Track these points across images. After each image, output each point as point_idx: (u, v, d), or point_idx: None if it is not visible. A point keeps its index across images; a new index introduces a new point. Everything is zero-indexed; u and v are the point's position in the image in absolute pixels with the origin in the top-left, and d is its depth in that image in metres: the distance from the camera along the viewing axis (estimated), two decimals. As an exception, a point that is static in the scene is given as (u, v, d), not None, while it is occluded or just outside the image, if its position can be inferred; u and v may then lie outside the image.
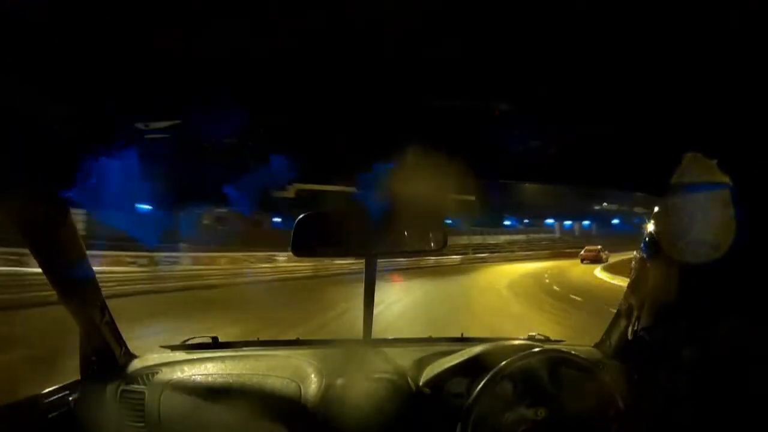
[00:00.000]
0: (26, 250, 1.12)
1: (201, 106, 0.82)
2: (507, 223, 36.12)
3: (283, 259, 16.97)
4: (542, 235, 41.09)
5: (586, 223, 45.41)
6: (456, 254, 26.48)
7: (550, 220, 41.43)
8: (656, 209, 1.13)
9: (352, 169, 1.07)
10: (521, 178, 1.09)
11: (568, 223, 42.58)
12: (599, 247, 25.85)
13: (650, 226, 1.15)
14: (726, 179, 0.83)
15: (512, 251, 33.93)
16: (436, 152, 0.88)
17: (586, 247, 26.14)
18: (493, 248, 33.50)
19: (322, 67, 0.69)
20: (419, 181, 0.98)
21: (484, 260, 28.36)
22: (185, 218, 16.36)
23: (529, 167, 1.07)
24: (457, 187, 1.21)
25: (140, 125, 0.87)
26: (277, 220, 18.81)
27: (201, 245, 16.27)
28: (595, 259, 23.61)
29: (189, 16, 0.57)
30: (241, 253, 17.60)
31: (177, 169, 1.06)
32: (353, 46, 0.64)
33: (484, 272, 19.43)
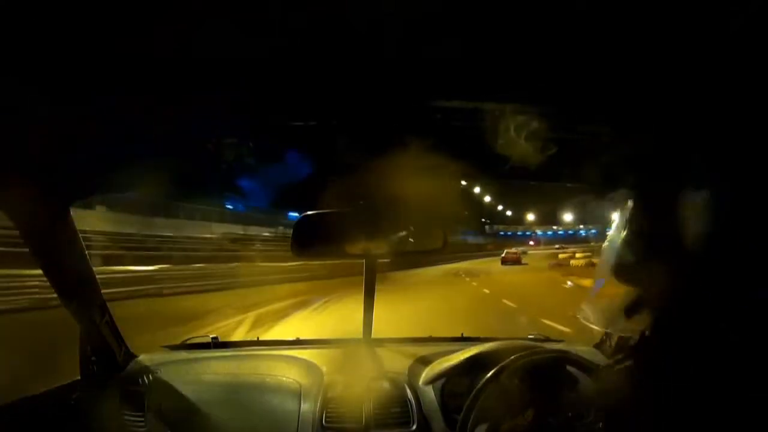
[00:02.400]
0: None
1: (201, 106, 0.82)
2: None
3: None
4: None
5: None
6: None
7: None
8: (633, 209, 1.13)
9: (352, 169, 1.07)
10: (521, 177, 1.10)
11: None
12: (520, 249, 30.16)
13: (640, 227, 1.14)
14: (724, 180, 0.83)
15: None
16: (436, 152, 0.88)
17: (507, 250, 28.97)
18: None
19: (322, 67, 0.70)
20: (419, 182, 0.99)
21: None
22: None
23: (529, 167, 1.07)
24: (457, 187, 1.21)
25: (140, 125, 0.87)
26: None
27: None
28: (516, 261, 26.11)
29: (190, 15, 0.57)
30: None
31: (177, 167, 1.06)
32: (354, 46, 0.64)
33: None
